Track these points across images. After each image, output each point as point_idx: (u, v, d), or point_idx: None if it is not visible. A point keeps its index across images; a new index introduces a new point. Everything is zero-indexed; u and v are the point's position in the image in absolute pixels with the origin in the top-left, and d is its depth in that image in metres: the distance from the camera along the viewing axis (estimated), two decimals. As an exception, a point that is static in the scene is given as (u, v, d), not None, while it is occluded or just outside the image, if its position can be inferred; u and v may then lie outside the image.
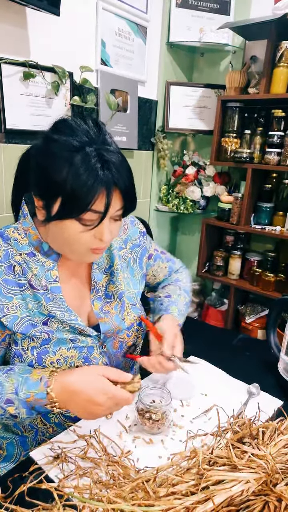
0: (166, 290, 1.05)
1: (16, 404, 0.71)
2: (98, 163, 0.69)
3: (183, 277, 1.12)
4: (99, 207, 0.71)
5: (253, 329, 2.09)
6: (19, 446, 0.88)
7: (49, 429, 0.87)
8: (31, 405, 0.72)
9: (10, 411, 0.71)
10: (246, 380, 0.97)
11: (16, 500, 0.59)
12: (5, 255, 0.79)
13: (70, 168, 0.68)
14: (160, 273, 1.09)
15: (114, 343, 0.90)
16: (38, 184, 0.75)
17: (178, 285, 1.07)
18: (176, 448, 0.74)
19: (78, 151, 0.69)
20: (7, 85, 1.34)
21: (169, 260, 1.11)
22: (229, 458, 0.60)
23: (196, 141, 2.39)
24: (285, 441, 0.66)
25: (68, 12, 1.46)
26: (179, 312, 0.97)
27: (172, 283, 1.08)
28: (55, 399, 0.71)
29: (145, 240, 1.03)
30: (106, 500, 0.55)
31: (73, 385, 0.72)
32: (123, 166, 0.74)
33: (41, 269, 0.82)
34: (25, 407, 0.72)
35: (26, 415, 0.72)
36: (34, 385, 0.72)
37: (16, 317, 0.78)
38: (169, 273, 1.11)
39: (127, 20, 1.79)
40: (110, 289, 0.92)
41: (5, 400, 0.71)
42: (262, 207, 1.99)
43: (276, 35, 1.76)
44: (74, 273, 0.89)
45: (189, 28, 2.03)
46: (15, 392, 0.72)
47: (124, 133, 1.90)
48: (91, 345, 0.85)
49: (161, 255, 1.09)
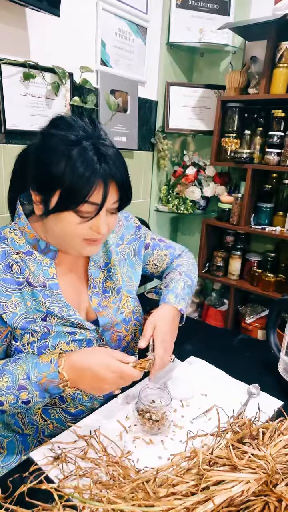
0: (166, 280, 1.03)
1: (29, 389, 0.74)
2: (95, 156, 0.71)
3: (184, 260, 1.09)
4: (96, 199, 0.73)
5: (253, 329, 2.09)
6: (20, 444, 0.88)
7: (49, 425, 0.87)
8: (44, 386, 0.74)
9: (23, 397, 0.74)
10: (246, 380, 0.96)
11: (16, 500, 0.59)
12: (3, 254, 0.80)
13: (68, 161, 0.70)
14: (162, 261, 1.08)
15: (113, 337, 0.92)
16: (36, 178, 0.76)
17: (179, 270, 1.04)
18: (176, 449, 0.74)
19: (75, 145, 0.71)
20: (7, 86, 1.34)
21: (169, 247, 1.10)
22: (229, 458, 0.60)
23: (196, 141, 2.39)
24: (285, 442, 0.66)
25: (68, 13, 1.46)
26: (176, 298, 0.94)
27: (173, 270, 1.06)
28: (66, 377, 0.74)
29: (141, 233, 1.04)
30: (106, 501, 0.55)
31: (79, 363, 0.75)
32: (119, 159, 0.76)
33: (38, 267, 0.83)
34: (38, 390, 0.74)
35: (39, 398, 0.75)
36: (45, 366, 0.75)
37: (15, 314, 0.79)
38: (170, 260, 1.09)
39: (127, 21, 1.79)
40: (107, 285, 0.94)
41: (17, 386, 0.74)
42: (262, 207, 1.99)
43: (276, 36, 1.76)
44: (72, 270, 0.90)
45: (189, 28, 2.03)
46: (27, 377, 0.74)
47: (124, 133, 1.90)
48: (90, 338, 0.86)
49: (160, 243, 1.08)
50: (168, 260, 1.09)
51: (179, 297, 0.94)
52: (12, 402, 0.74)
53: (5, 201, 0.93)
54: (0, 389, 0.74)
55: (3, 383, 0.74)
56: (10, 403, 0.74)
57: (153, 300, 1.96)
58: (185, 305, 0.95)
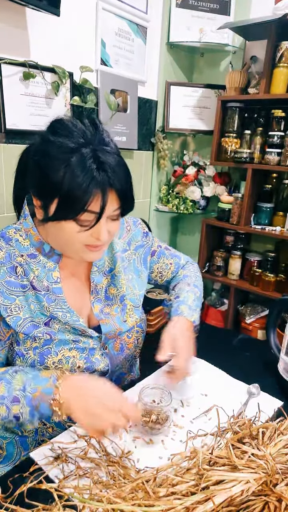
0: (175, 291, 1.02)
1: (21, 402, 0.71)
2: (93, 164, 0.70)
3: (191, 272, 1.09)
4: (95, 207, 0.71)
5: (253, 329, 2.09)
6: (19, 446, 0.88)
7: (48, 429, 0.87)
8: (36, 403, 0.70)
9: (14, 411, 0.70)
10: (246, 380, 0.96)
11: (16, 500, 0.59)
12: (7, 257, 0.79)
13: (66, 169, 0.69)
14: (167, 270, 1.08)
15: (115, 345, 0.90)
16: (35, 184, 0.75)
17: (187, 281, 1.04)
18: (176, 449, 0.74)
19: (74, 153, 0.70)
20: (7, 85, 1.34)
21: (175, 256, 1.09)
22: (229, 458, 0.60)
23: (196, 141, 2.39)
24: (285, 441, 0.66)
25: (68, 12, 1.46)
26: (189, 309, 0.94)
27: (181, 280, 1.05)
28: (60, 395, 0.69)
29: (148, 240, 1.03)
30: (106, 500, 0.55)
31: (80, 382, 0.72)
32: (119, 167, 0.74)
33: (42, 270, 0.82)
34: (29, 405, 0.71)
35: (28, 416, 0.71)
36: (43, 380, 0.72)
37: (18, 318, 0.78)
38: (176, 270, 1.09)
39: (127, 20, 1.79)
40: (110, 291, 0.92)
41: (12, 398, 0.71)
42: (262, 207, 1.99)
43: (276, 35, 1.76)
44: (75, 274, 0.89)
45: (189, 28, 2.03)
46: (23, 388, 0.71)
47: (124, 133, 1.90)
48: (93, 347, 0.85)
49: (165, 251, 1.08)
50: (173, 269, 1.08)
51: (192, 309, 0.95)
52: (4, 416, 0.71)
53: (5, 201, 0.92)
54: None
55: None
56: (2, 416, 0.71)
57: (153, 300, 1.95)
58: (197, 317, 0.96)
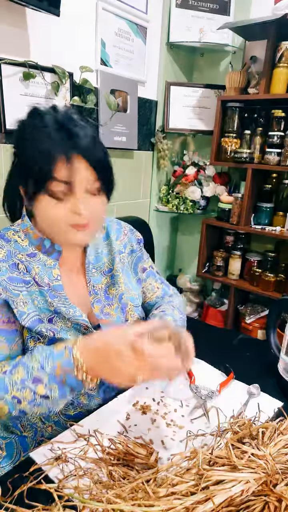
0: (160, 308, 1.00)
1: (45, 381, 0.68)
2: (57, 132, 0.71)
3: (177, 301, 1.05)
4: (62, 175, 0.71)
5: (253, 329, 2.09)
6: (19, 446, 0.88)
7: (48, 428, 0.87)
8: (61, 378, 0.68)
9: (40, 392, 0.68)
10: (246, 380, 0.97)
11: (16, 500, 0.59)
12: (8, 254, 0.80)
13: (32, 141, 0.72)
14: (151, 291, 1.05)
15: None
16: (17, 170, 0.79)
17: (172, 305, 1.02)
18: (176, 449, 0.74)
19: (42, 127, 0.72)
20: (7, 86, 1.34)
21: (164, 282, 1.09)
22: (229, 458, 0.60)
23: (196, 141, 2.39)
24: (285, 441, 0.66)
25: (68, 12, 1.46)
26: (176, 322, 0.94)
27: (165, 304, 1.02)
28: (81, 361, 0.67)
29: (141, 247, 1.04)
30: (106, 501, 0.55)
31: (95, 341, 0.70)
32: (88, 136, 0.73)
33: (43, 268, 0.82)
34: (56, 382, 0.68)
35: (58, 392, 0.69)
36: (59, 355, 0.70)
37: (23, 312, 0.78)
38: (162, 295, 1.06)
39: (127, 20, 1.79)
40: (110, 291, 0.92)
41: (32, 379, 0.69)
42: (262, 207, 1.99)
43: (276, 36, 1.76)
44: (74, 271, 0.89)
45: (189, 28, 2.03)
46: (41, 367, 0.69)
47: (124, 133, 1.90)
48: None
49: (156, 274, 1.08)
50: (159, 294, 1.06)
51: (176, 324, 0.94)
52: (31, 400, 0.69)
53: (5, 201, 0.92)
54: (15, 382, 0.69)
55: (18, 376, 0.69)
56: (29, 400, 0.69)
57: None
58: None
